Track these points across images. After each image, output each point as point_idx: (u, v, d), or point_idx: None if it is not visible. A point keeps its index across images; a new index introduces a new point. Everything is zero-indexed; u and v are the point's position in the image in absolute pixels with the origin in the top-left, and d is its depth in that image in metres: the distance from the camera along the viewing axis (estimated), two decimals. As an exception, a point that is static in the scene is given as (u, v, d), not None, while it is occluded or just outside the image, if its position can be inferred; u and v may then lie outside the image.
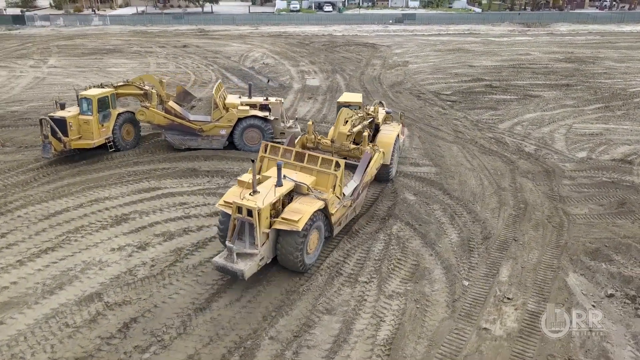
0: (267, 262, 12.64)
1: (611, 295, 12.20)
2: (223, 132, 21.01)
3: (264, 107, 21.84)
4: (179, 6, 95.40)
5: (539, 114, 27.53)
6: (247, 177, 13.17)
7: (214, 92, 20.92)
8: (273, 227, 12.31)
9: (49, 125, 19.10)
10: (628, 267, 13.33)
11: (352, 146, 16.89)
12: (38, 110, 27.13)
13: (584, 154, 21.62)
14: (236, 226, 12.24)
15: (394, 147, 18.16)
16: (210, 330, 11.05)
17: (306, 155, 14.14)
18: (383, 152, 17.16)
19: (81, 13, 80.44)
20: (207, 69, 39.92)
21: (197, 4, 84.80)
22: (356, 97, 21.31)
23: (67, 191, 17.32)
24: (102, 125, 19.98)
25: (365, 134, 17.13)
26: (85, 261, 13.38)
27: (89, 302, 11.83)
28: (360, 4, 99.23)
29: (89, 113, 19.55)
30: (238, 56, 45.71)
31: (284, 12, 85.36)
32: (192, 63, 42.39)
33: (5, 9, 74.50)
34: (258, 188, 12.44)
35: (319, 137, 17.49)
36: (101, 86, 21.03)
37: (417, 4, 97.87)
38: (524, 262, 13.60)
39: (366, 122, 18.40)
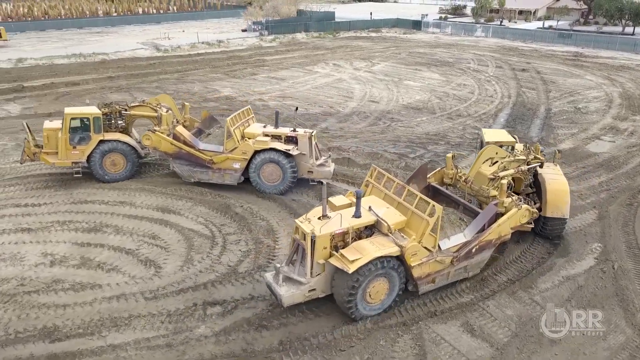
0: (320, 296, 11.46)
1: None
2: (236, 165, 17.87)
3: (290, 140, 17.80)
4: (605, 24, 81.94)
5: None
6: (339, 200, 12.47)
7: (228, 119, 17.79)
8: (329, 260, 11.12)
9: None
10: None
11: (493, 192, 14.12)
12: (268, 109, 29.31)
13: None
14: (294, 247, 11.66)
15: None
16: None
17: (406, 190, 12.41)
18: (529, 209, 14.05)
19: (491, 23, 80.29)
20: (495, 101, 33.27)
21: (618, 22, 70.19)
22: (506, 136, 17.65)
23: (125, 186, 18.49)
24: (74, 148, 18.06)
25: (504, 181, 14.12)
26: (11, 254, 14.14)
27: None
28: None
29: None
30: (564, 93, 35.87)
31: None
32: (492, 90, 36.19)
33: (425, 16, 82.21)
34: (333, 214, 11.49)
35: (459, 173, 15.35)
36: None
37: None
38: None
39: (524, 168, 15.14)
